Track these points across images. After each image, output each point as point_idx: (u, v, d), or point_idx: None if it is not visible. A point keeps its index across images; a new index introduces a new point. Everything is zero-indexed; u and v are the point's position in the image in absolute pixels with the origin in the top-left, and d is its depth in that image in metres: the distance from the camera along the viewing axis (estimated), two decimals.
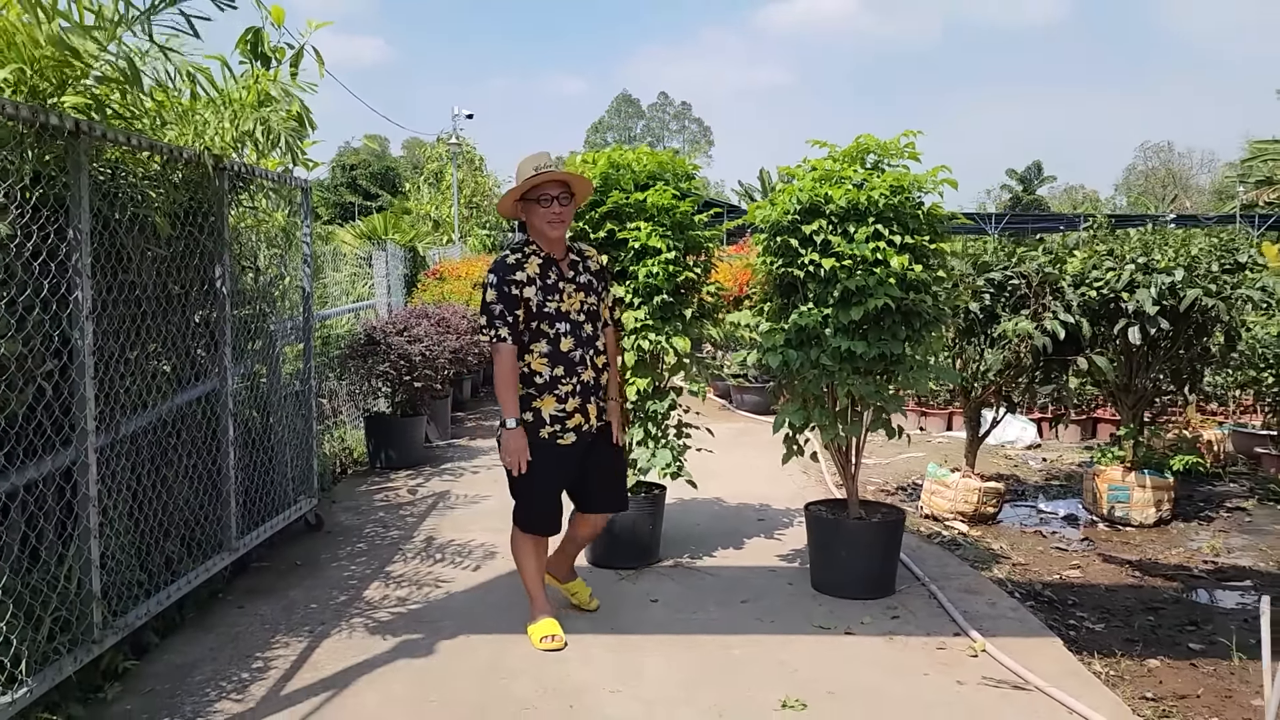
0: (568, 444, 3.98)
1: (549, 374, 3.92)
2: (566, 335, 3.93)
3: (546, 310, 3.91)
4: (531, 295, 3.89)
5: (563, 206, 3.94)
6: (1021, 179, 59.57)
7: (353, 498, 6.74)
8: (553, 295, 3.93)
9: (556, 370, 3.92)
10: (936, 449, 8.57)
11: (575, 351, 3.95)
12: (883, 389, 4.58)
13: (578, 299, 3.99)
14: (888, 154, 4.68)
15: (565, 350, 3.93)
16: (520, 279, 3.89)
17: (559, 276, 3.97)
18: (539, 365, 3.92)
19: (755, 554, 5.43)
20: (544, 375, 3.92)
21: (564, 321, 3.93)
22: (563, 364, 3.92)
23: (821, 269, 4.38)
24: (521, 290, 3.88)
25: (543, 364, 3.92)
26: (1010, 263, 6.22)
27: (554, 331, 3.92)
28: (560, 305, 3.94)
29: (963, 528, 6.23)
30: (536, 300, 3.89)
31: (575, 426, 3.99)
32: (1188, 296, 5.79)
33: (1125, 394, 6.46)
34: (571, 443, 3.99)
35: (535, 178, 3.89)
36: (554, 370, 3.92)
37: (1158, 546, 5.98)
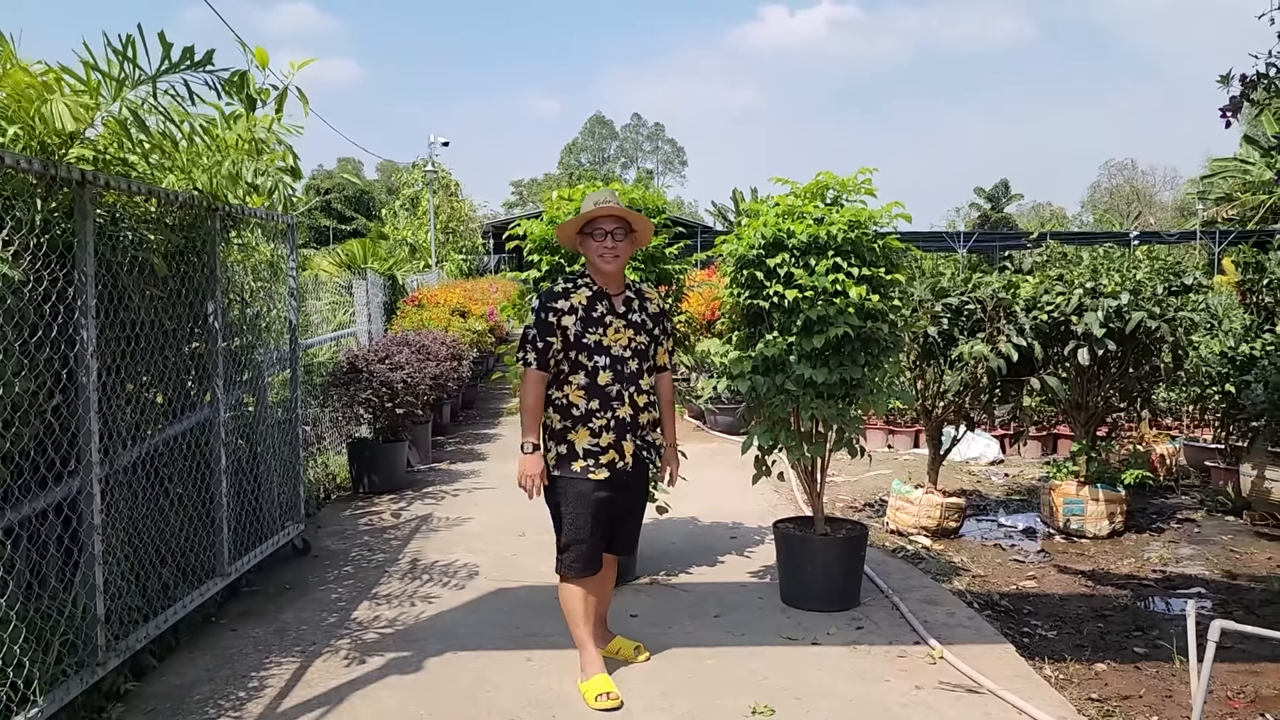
0: (600, 479, 3.87)
1: (585, 407, 3.85)
2: (605, 369, 3.85)
3: (585, 341, 3.84)
4: (570, 324, 3.83)
5: (616, 242, 3.91)
6: (990, 197, 60.52)
7: (338, 522, 6.93)
8: (595, 328, 3.86)
9: (592, 404, 3.84)
10: (903, 466, 8.86)
11: (613, 386, 3.86)
12: (844, 412, 4.85)
13: (625, 335, 3.91)
14: (846, 190, 4.98)
15: (603, 384, 3.85)
16: (562, 307, 3.86)
17: (608, 310, 3.91)
18: (576, 397, 3.86)
19: (727, 570, 5.67)
20: (580, 408, 3.85)
21: (604, 355, 3.85)
22: (599, 398, 3.85)
23: (785, 300, 4.65)
24: (560, 318, 3.84)
25: (579, 396, 3.85)
26: (967, 288, 6.53)
27: (593, 364, 3.85)
28: (602, 339, 3.86)
29: (926, 542, 6.50)
30: (575, 330, 3.83)
31: (609, 463, 3.88)
32: (1133, 319, 6.12)
33: (1078, 411, 6.78)
34: (604, 479, 3.87)
35: (592, 211, 3.91)
36: (590, 403, 3.84)
37: (1110, 557, 6.28)
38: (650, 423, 4.04)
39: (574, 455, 3.87)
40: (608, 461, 3.89)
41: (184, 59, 3.70)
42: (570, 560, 3.94)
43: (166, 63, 3.72)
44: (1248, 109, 10.69)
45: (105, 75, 3.71)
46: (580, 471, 3.87)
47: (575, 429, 3.86)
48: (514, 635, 4.63)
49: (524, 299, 5.69)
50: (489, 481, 8.25)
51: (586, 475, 3.87)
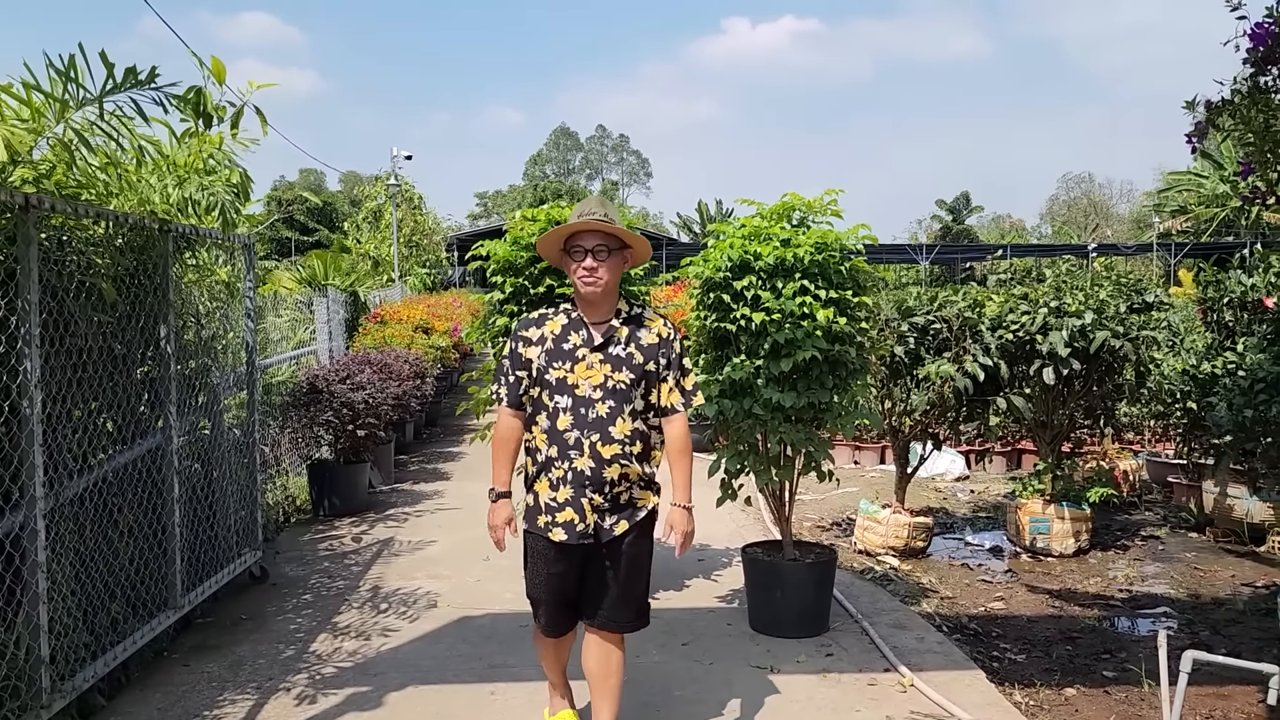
0: (556, 541, 3.29)
1: (545, 453, 3.30)
2: (567, 411, 3.26)
3: (549, 378, 3.28)
4: (535, 357, 3.31)
5: (598, 262, 3.25)
6: (951, 209, 61.15)
7: (297, 547, 6.77)
8: (561, 362, 3.28)
9: (551, 450, 3.28)
10: (870, 484, 8.85)
11: (571, 433, 3.25)
12: (812, 435, 4.81)
13: (598, 372, 3.27)
14: (812, 211, 4.94)
15: (562, 429, 3.26)
16: (530, 336, 3.35)
17: (583, 342, 3.31)
18: (540, 441, 3.32)
19: (695, 595, 5.60)
20: (543, 454, 3.31)
21: (566, 395, 3.26)
22: (558, 444, 3.27)
23: (752, 323, 4.60)
24: (527, 349, 3.33)
25: (543, 441, 3.31)
26: (932, 307, 6.53)
27: (553, 405, 3.28)
28: (567, 375, 3.27)
29: (894, 562, 6.48)
30: (539, 364, 3.30)
31: (566, 523, 3.27)
32: (1097, 338, 6.14)
33: (1043, 430, 6.79)
34: (561, 540, 3.28)
35: (571, 226, 3.31)
36: (549, 450, 3.28)
37: (1077, 576, 6.28)
38: (625, 479, 3.33)
39: (538, 508, 3.34)
40: (564, 522, 3.27)
41: (128, 78, 3.58)
42: (536, 613, 3.52)
43: (111, 82, 3.60)
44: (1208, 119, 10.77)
45: (49, 96, 3.58)
46: (542, 528, 3.32)
47: (539, 477, 3.34)
48: (477, 668, 4.52)
49: (489, 321, 5.59)
50: (452, 502, 8.12)
51: (546, 534, 3.31)
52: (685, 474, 3.49)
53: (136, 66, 3.62)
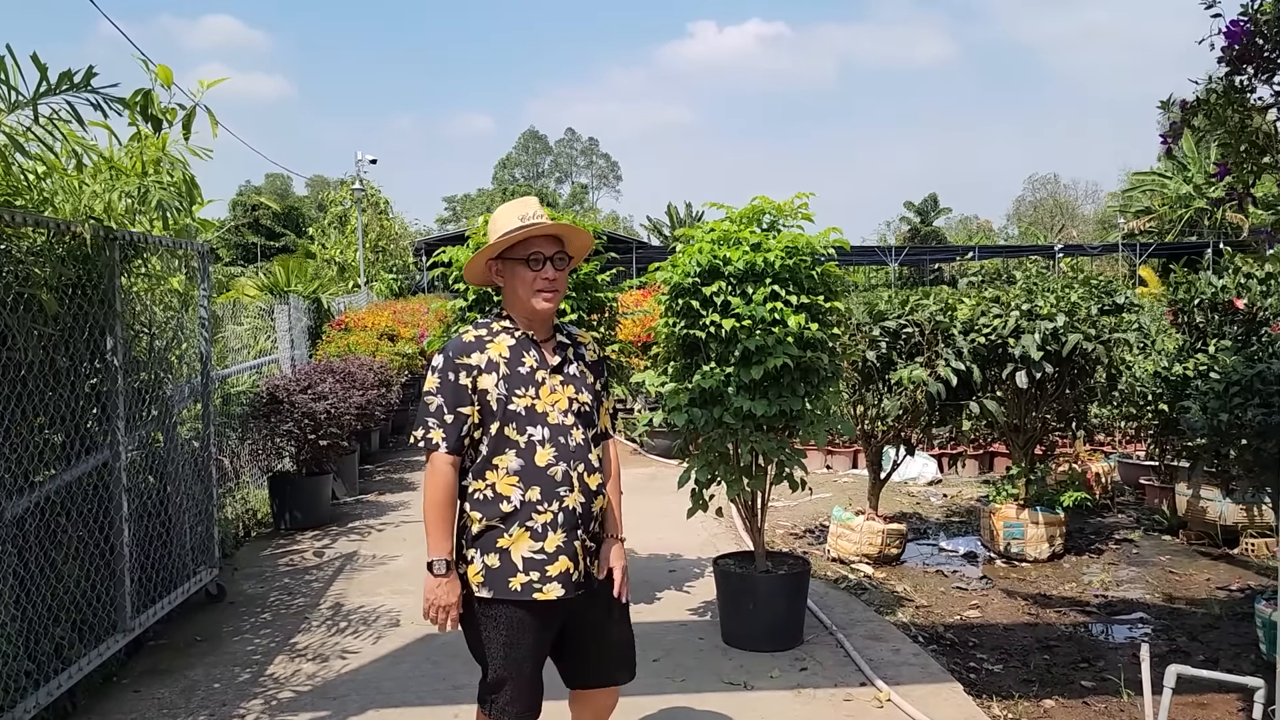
0: (549, 599, 2.78)
1: (520, 498, 2.78)
2: (545, 443, 2.81)
3: (513, 408, 2.80)
4: (491, 386, 2.80)
5: (558, 270, 2.88)
6: (919, 210, 61.50)
7: (256, 563, 6.58)
8: (524, 388, 2.82)
9: (531, 493, 2.78)
10: (843, 489, 8.76)
11: (557, 466, 2.80)
12: (784, 444, 4.69)
13: (563, 394, 2.87)
14: (782, 215, 4.84)
15: (542, 465, 2.79)
16: (477, 362, 2.81)
17: (539, 363, 2.87)
18: (506, 487, 2.79)
19: (667, 608, 5.47)
20: (513, 500, 2.78)
21: (540, 425, 2.81)
22: (539, 484, 2.79)
23: (722, 329, 4.48)
24: (476, 379, 2.80)
25: (511, 485, 2.79)
26: (904, 311, 6.45)
27: (527, 439, 2.80)
28: (536, 403, 2.83)
29: (868, 570, 6.38)
30: (499, 394, 2.79)
31: (561, 574, 2.78)
32: (1069, 341, 6.08)
33: (1016, 434, 6.73)
34: (556, 598, 2.79)
35: (521, 230, 2.84)
36: (527, 493, 2.78)
37: (1051, 581, 6.22)
38: (602, 511, 2.99)
39: (510, 569, 2.77)
40: (560, 574, 2.78)
41: (62, 81, 3.41)
42: (504, 703, 2.84)
43: (45, 84, 3.42)
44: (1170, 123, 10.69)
45: None
46: (521, 591, 2.76)
47: (509, 530, 2.78)
48: (441, 689, 4.36)
49: (453, 330, 5.44)
50: (417, 514, 7.83)
51: (530, 596, 2.76)
52: (619, 504, 3.10)
53: (71, 70, 3.44)
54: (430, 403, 2.81)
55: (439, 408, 2.80)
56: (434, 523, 2.81)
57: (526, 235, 2.86)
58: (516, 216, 2.90)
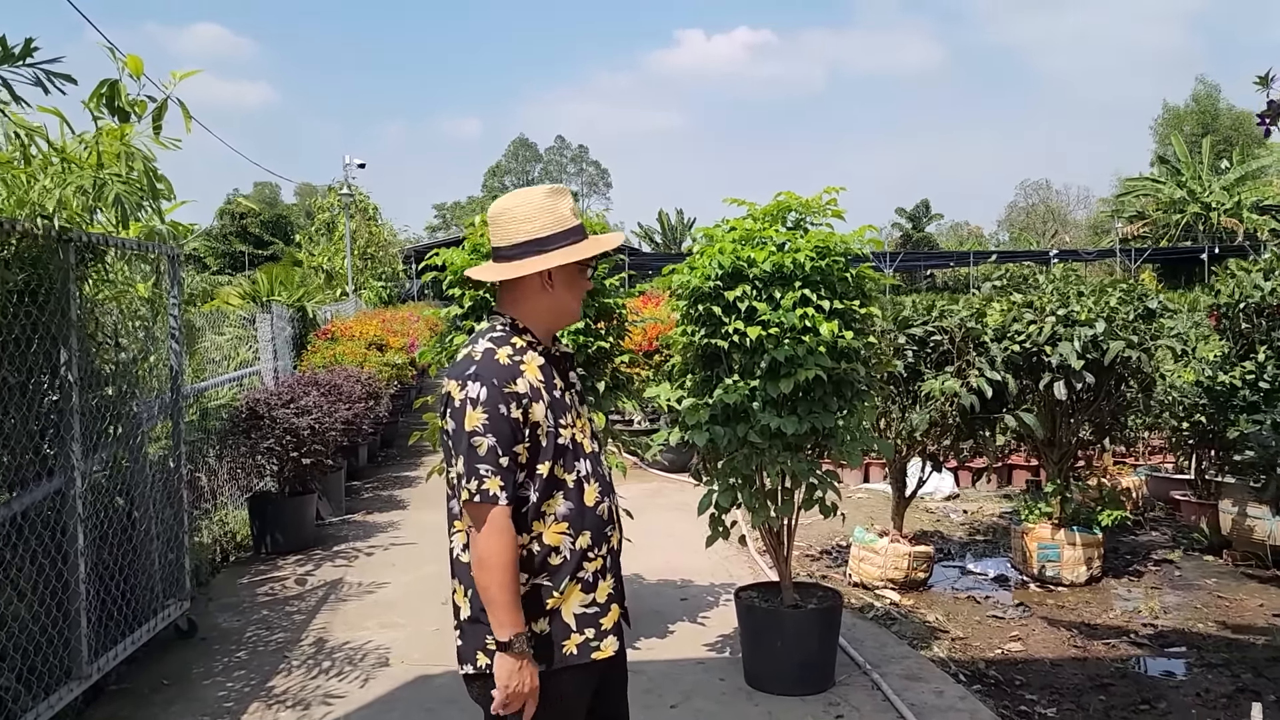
0: (607, 656, 2.39)
1: (572, 547, 2.35)
2: (590, 479, 2.41)
3: (562, 442, 2.36)
4: (542, 417, 2.32)
5: None
6: (911, 217, 61.26)
7: (234, 592, 6.08)
8: (564, 415, 2.39)
9: (582, 539, 2.36)
10: (857, 505, 8.31)
11: (604, 503, 2.43)
12: (816, 465, 4.24)
13: (584, 416, 2.54)
14: (810, 212, 4.39)
15: (591, 504, 2.39)
16: (523, 390, 2.30)
17: (564, 384, 2.46)
18: (555, 536, 2.34)
19: (681, 643, 5.00)
20: (562, 551, 2.34)
21: (582, 458, 2.41)
22: (590, 527, 2.38)
23: (747, 338, 4.03)
24: (528, 410, 2.29)
25: (561, 533, 2.34)
26: (931, 317, 6.01)
27: (574, 476, 2.37)
28: (574, 431, 2.41)
29: (894, 596, 5.93)
30: (548, 426, 2.33)
31: (614, 626, 2.42)
32: (1111, 349, 5.65)
33: (1050, 448, 6.29)
34: (613, 653, 2.41)
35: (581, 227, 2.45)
36: (578, 540, 2.36)
37: (1093, 608, 5.77)
38: None
39: (563, 631, 2.35)
40: (613, 625, 2.41)
41: None
42: None
43: None
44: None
45: None
46: (578, 654, 2.34)
47: (559, 588, 2.34)
48: None
49: (447, 339, 4.98)
50: (408, 535, 7.45)
51: (588, 658, 2.35)
52: None
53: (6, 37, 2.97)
54: (479, 445, 2.23)
55: (492, 451, 2.23)
56: (506, 593, 2.23)
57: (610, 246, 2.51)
58: (569, 210, 2.45)
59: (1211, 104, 49.58)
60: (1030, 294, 6.38)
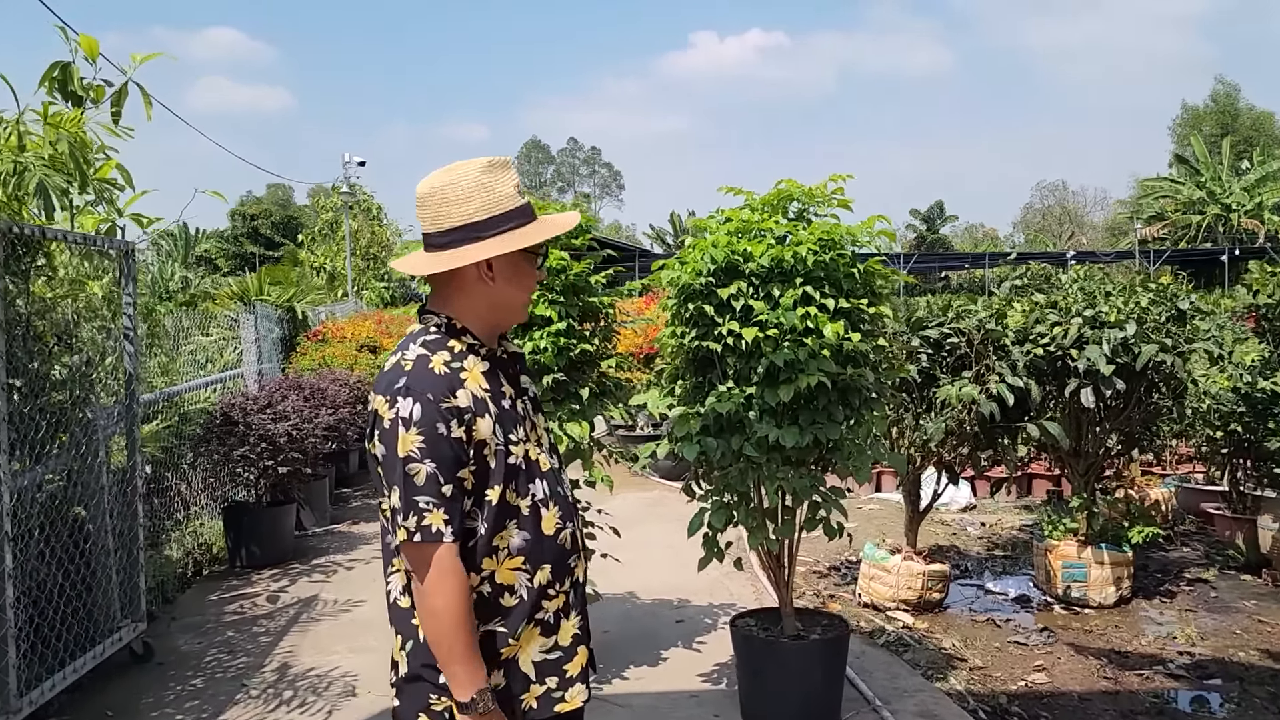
0: (576, 706, 2.04)
1: (528, 585, 1.96)
2: (548, 503, 2.00)
3: (514, 462, 1.95)
4: (489, 434, 1.92)
5: None
6: (925, 218, 60.66)
7: (200, 609, 5.71)
8: (515, 429, 1.98)
9: (541, 574, 1.97)
10: (869, 518, 7.88)
11: (565, 530, 2.03)
12: (819, 481, 3.82)
13: (540, 427, 2.12)
14: (814, 201, 3.98)
15: (551, 532, 1.99)
16: (465, 404, 1.89)
17: (515, 390, 2.05)
18: (509, 574, 1.95)
19: (674, 672, 4.59)
20: (519, 591, 1.96)
21: (538, 478, 2.00)
22: (550, 560, 1.99)
23: (743, 341, 3.62)
24: (472, 427, 1.89)
25: (516, 569, 1.95)
26: (947, 318, 5.58)
27: (529, 501, 1.97)
28: (529, 447, 2.01)
29: (907, 619, 5.50)
30: (497, 444, 1.93)
31: (581, 672, 2.06)
32: (1144, 353, 5.21)
33: (1075, 459, 5.85)
34: (583, 703, 2.06)
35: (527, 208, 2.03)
36: (536, 575, 1.97)
37: (1123, 633, 5.33)
38: None
39: (520, 684, 1.98)
40: (580, 671, 2.05)
41: None
42: None
43: None
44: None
45: None
46: (539, 709, 1.99)
47: (515, 633, 1.96)
48: None
49: None
50: None
51: (551, 712, 2.00)
52: None
53: None
54: (416, 473, 1.84)
55: (431, 479, 1.84)
56: (462, 644, 1.86)
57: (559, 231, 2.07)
58: (512, 188, 2.03)
59: (1231, 104, 48.87)
60: (1054, 294, 5.95)
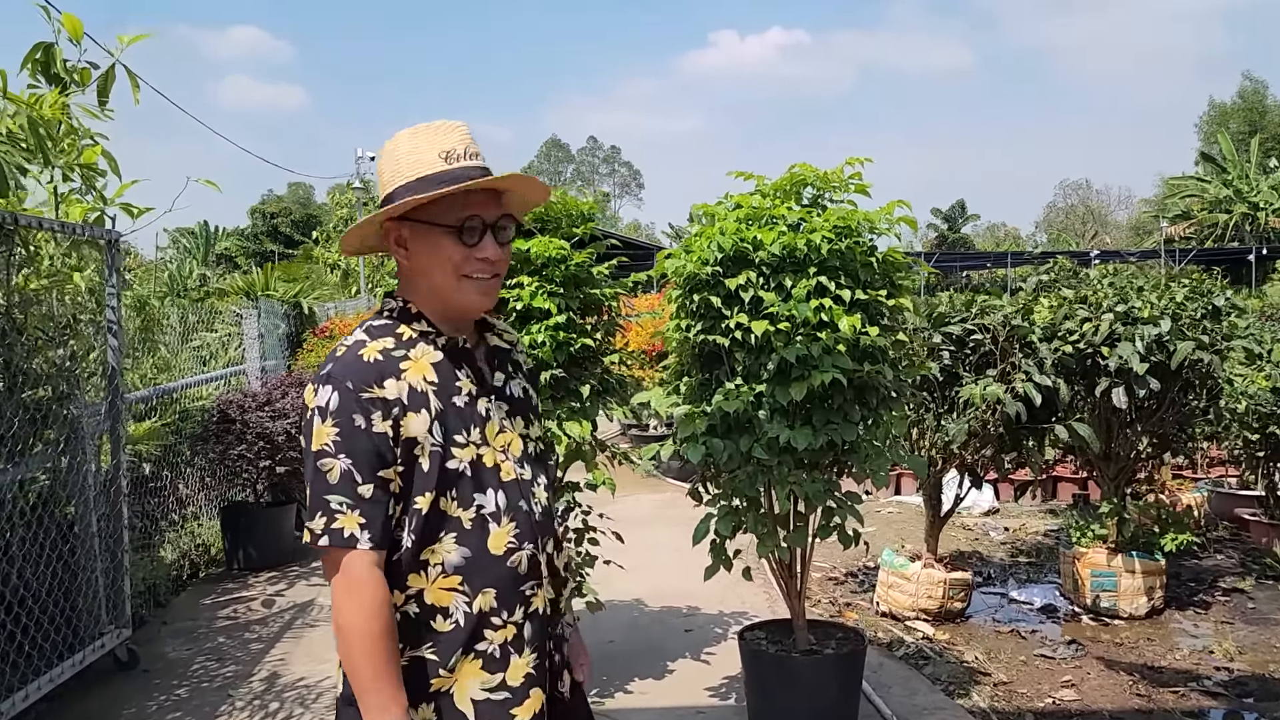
0: None
1: (465, 609, 1.71)
2: (501, 518, 1.74)
3: (454, 467, 1.71)
4: (421, 433, 1.68)
5: (501, 246, 1.78)
6: (946, 217, 60.07)
7: (193, 613, 5.52)
8: (466, 430, 1.74)
9: (483, 599, 1.72)
10: (888, 522, 7.62)
11: (521, 551, 1.75)
12: (833, 486, 3.58)
13: (514, 431, 1.82)
14: (829, 186, 3.72)
15: (499, 551, 1.73)
16: (394, 395, 1.67)
17: (478, 387, 1.79)
18: (442, 594, 1.70)
19: (681, 686, 4.35)
20: (454, 614, 1.71)
21: (493, 488, 1.74)
22: (496, 584, 1.73)
23: (752, 335, 3.38)
24: (400, 422, 1.67)
25: (450, 590, 1.70)
26: (971, 314, 5.31)
27: (473, 513, 1.72)
28: (483, 452, 1.75)
29: (927, 629, 5.24)
30: (433, 445, 1.69)
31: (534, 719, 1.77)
32: (1179, 351, 4.93)
33: (1105, 463, 5.56)
34: None
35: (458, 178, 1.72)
36: (476, 600, 1.71)
37: (1156, 646, 5.05)
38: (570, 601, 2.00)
39: None
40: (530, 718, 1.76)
41: None
42: None
43: None
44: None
45: None
46: None
47: (448, 664, 1.70)
48: None
49: None
50: None
51: None
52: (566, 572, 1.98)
53: None
54: (329, 469, 1.64)
55: (346, 477, 1.63)
56: (372, 668, 1.63)
57: (465, 189, 1.71)
58: (438, 153, 1.74)
59: (1259, 100, 48.07)
60: (1083, 288, 5.67)
